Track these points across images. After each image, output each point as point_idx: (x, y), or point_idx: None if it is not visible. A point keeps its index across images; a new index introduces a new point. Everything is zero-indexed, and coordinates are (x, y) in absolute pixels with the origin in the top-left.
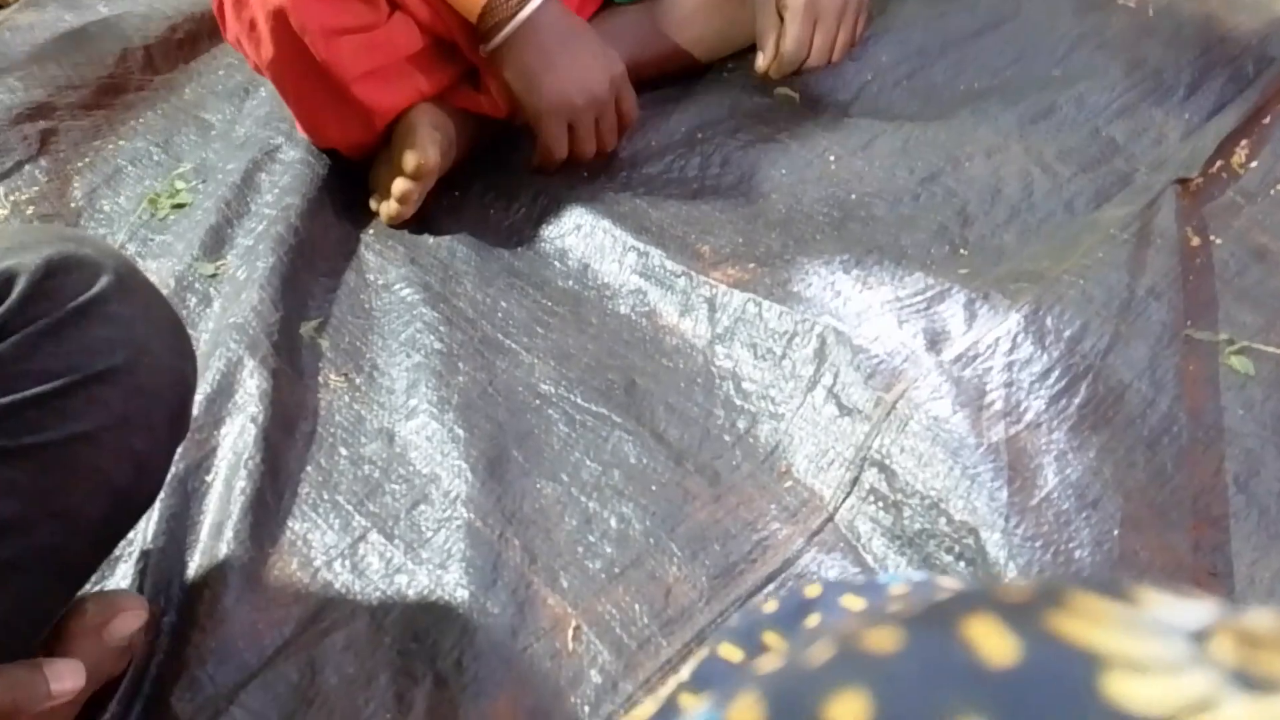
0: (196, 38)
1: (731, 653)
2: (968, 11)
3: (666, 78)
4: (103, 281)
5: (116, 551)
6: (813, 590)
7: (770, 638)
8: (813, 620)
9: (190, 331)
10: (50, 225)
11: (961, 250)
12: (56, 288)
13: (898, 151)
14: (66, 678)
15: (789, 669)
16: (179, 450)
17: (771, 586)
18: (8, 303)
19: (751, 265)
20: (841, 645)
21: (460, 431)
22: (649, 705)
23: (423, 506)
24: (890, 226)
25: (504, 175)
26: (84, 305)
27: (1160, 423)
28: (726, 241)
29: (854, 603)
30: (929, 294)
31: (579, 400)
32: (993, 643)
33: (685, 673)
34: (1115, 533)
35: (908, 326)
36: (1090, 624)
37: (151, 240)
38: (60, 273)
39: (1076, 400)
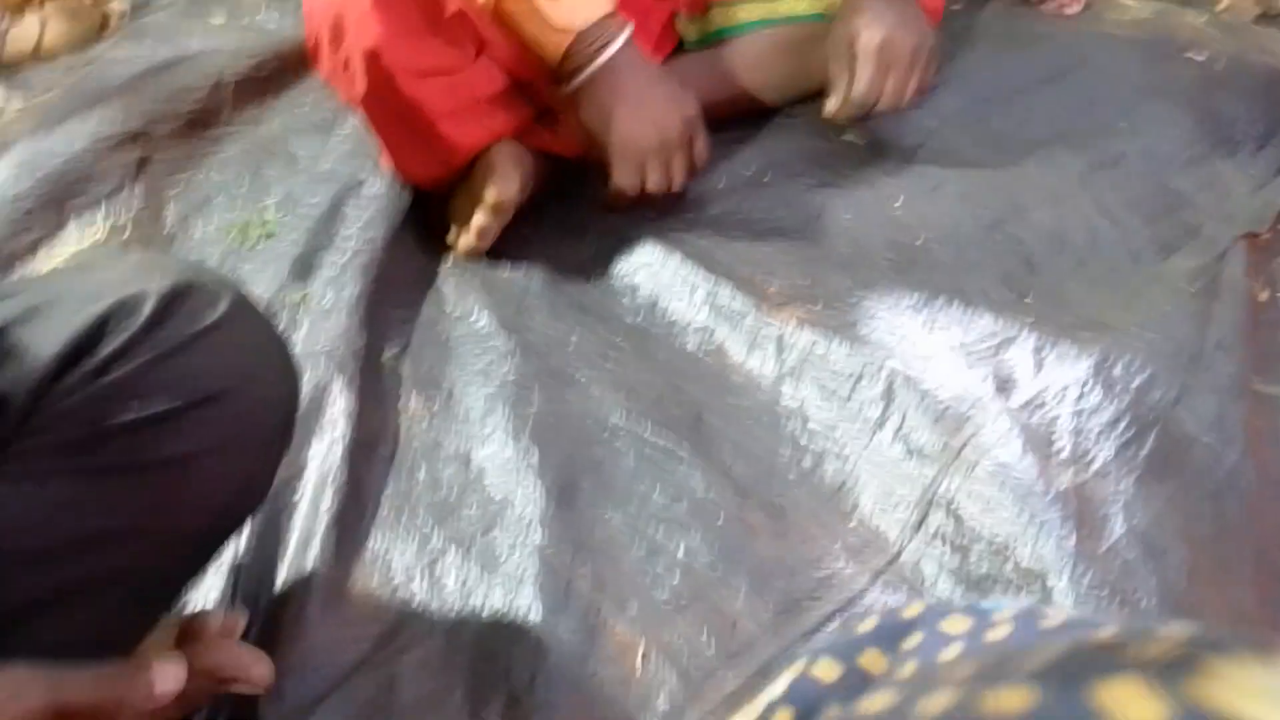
0: (282, 74)
1: (827, 671)
2: (1035, 59)
3: (734, 120)
4: (221, 309)
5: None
6: (913, 610)
7: (868, 658)
8: (912, 641)
9: None
10: (171, 255)
11: (1026, 298)
12: (178, 314)
13: (963, 197)
14: (170, 678)
15: (901, 717)
16: None
17: (835, 624)
18: (135, 325)
19: (817, 306)
20: (961, 700)
21: (533, 459)
22: (740, 718)
23: (496, 530)
24: (955, 272)
25: (575, 212)
26: (204, 330)
27: (1228, 475)
28: (792, 282)
29: (956, 625)
30: (996, 340)
31: (646, 434)
32: (1134, 711)
33: (779, 688)
34: (1181, 584)
35: (975, 371)
36: (1241, 694)
37: (241, 267)
38: (183, 299)
39: (1144, 450)
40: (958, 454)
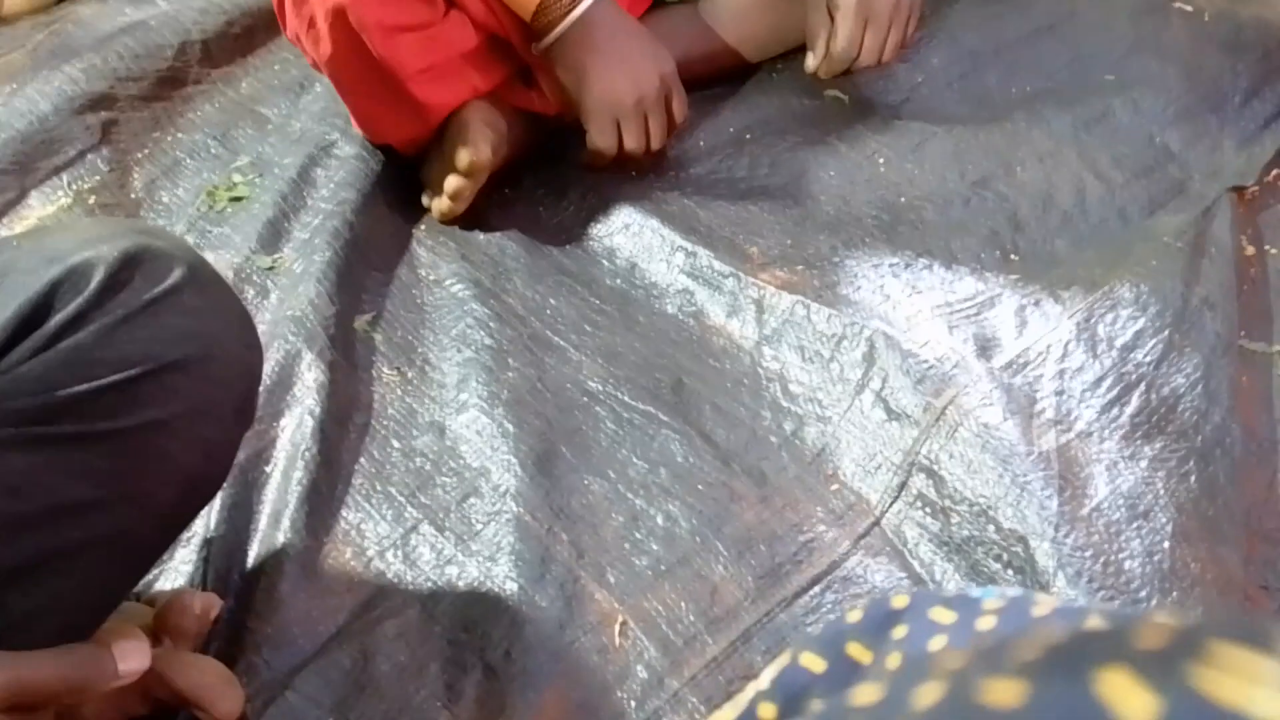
0: (253, 32)
1: (813, 662)
2: (1021, 14)
3: (715, 77)
4: (176, 274)
5: (179, 537)
6: (900, 601)
7: (854, 648)
8: (899, 631)
9: None
10: (125, 219)
11: (1013, 256)
12: (132, 279)
13: (949, 155)
14: (133, 658)
15: (892, 709)
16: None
17: (817, 589)
18: (85, 293)
19: (800, 267)
20: (953, 691)
21: (510, 426)
22: (728, 711)
23: (473, 499)
24: (940, 231)
25: (554, 173)
26: (158, 297)
27: (1213, 435)
28: (775, 243)
29: (943, 616)
30: (979, 300)
31: (627, 398)
32: (1131, 702)
33: (765, 680)
34: (1166, 545)
35: (958, 332)
36: (1241, 682)
37: (210, 232)
38: (136, 265)
39: (1128, 410)
40: (939, 416)
